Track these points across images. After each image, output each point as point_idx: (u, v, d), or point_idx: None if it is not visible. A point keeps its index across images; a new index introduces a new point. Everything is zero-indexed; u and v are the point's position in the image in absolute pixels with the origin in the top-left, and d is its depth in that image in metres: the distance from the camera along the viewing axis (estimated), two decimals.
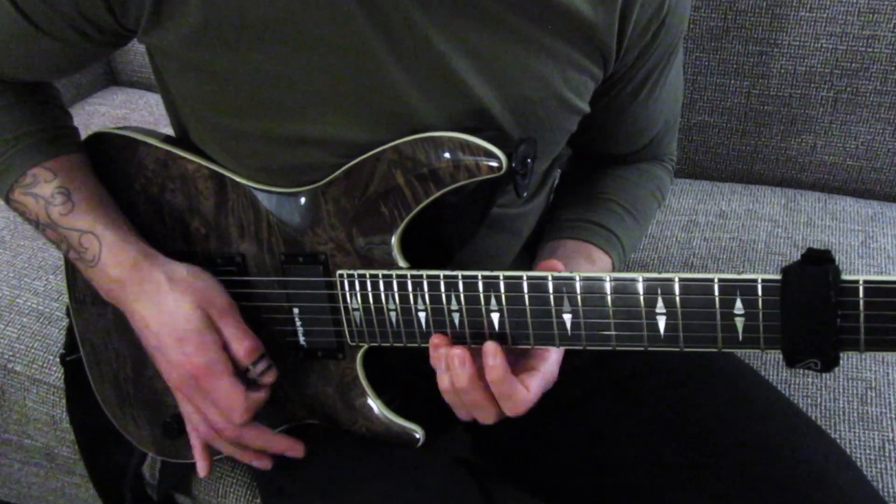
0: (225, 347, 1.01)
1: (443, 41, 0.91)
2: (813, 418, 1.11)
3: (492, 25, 0.92)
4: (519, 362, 0.94)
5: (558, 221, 1.16)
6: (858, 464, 1.18)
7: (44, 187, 1.04)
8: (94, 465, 1.33)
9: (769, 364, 1.37)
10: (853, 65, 1.63)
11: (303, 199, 0.99)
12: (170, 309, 1.00)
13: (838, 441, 1.13)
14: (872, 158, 1.72)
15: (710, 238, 1.63)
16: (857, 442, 1.27)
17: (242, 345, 1.01)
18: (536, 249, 1.17)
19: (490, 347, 0.89)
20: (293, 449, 1.08)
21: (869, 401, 1.32)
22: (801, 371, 1.35)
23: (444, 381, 0.93)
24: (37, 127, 1.06)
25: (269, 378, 1.03)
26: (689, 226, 1.66)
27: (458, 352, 0.91)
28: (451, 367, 0.91)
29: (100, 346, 1.18)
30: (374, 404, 1.03)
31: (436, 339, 0.93)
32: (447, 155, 0.91)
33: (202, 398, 1.02)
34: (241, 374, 1.01)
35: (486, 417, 0.94)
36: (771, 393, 1.12)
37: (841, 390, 1.34)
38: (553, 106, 0.99)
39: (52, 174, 1.04)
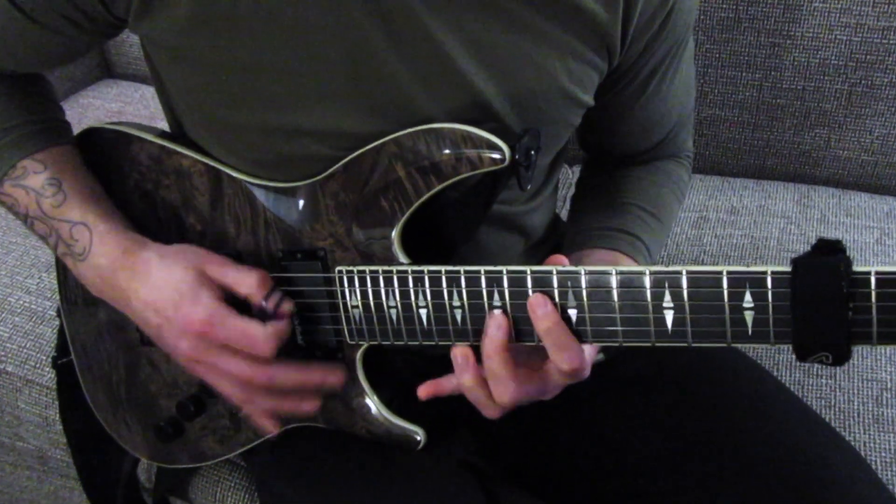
0: (229, 300, 0.98)
1: (442, 30, 0.91)
2: (827, 420, 1.11)
3: (493, 14, 0.92)
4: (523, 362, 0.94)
5: (581, 230, 1.15)
6: (873, 467, 1.19)
7: (34, 179, 1.04)
8: (86, 470, 1.33)
9: (781, 364, 1.37)
10: (868, 57, 1.63)
11: (301, 194, 1.00)
12: (163, 279, 0.98)
13: (853, 443, 1.13)
14: (888, 153, 1.72)
15: (721, 235, 1.63)
16: (871, 444, 1.27)
17: (248, 280, 0.98)
18: (548, 251, 1.17)
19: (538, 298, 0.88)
20: (333, 374, 1.02)
21: (884, 402, 1.32)
22: (815, 372, 1.35)
23: (466, 379, 0.93)
24: (27, 119, 1.07)
25: (287, 307, 0.99)
26: (699, 222, 1.66)
27: (499, 314, 0.90)
28: (487, 328, 0.91)
29: (91, 348, 1.18)
30: (374, 405, 1.03)
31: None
32: (449, 147, 0.91)
33: (219, 353, 0.98)
34: (257, 314, 0.98)
35: (503, 394, 0.93)
36: (783, 394, 1.12)
37: (855, 391, 1.34)
38: (555, 98, 0.99)
39: (42, 166, 1.04)
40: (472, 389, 0.93)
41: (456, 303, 0.92)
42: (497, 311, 0.90)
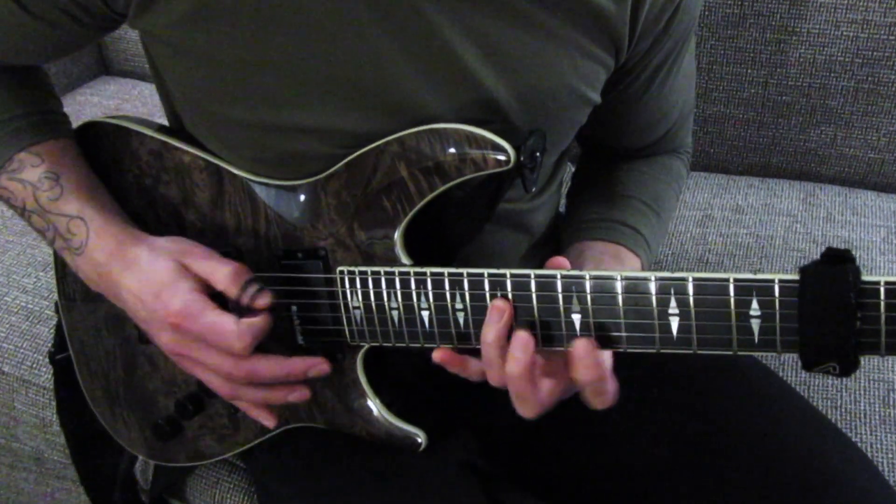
0: (212, 294, 0.97)
1: (448, 27, 0.91)
2: (833, 421, 1.12)
3: (500, 12, 0.92)
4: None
5: (581, 221, 1.15)
6: (880, 468, 1.18)
7: (31, 172, 1.04)
8: (84, 469, 1.33)
9: (787, 365, 1.37)
10: (875, 53, 1.63)
11: (302, 193, 1.00)
12: (147, 271, 0.98)
13: (859, 445, 1.13)
14: (895, 151, 1.72)
15: (725, 234, 1.63)
16: (878, 445, 1.27)
17: (222, 272, 0.97)
18: (551, 249, 1.17)
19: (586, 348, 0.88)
20: (316, 366, 1.02)
21: (891, 403, 1.33)
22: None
23: (490, 333, 0.90)
24: (24, 111, 1.07)
25: (263, 301, 0.97)
26: (704, 221, 1.66)
27: (524, 335, 0.88)
28: (512, 348, 0.89)
29: (90, 344, 1.18)
30: (374, 406, 1.03)
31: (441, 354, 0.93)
32: (453, 148, 0.91)
33: (198, 346, 0.98)
34: (235, 308, 0.97)
35: (528, 411, 0.92)
36: (789, 395, 1.12)
37: (862, 392, 1.34)
38: (564, 96, 0.99)
39: (39, 159, 1.04)
40: (493, 346, 0.90)
41: (458, 305, 0.92)
42: (522, 332, 0.88)
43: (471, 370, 0.95)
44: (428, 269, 0.93)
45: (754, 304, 0.80)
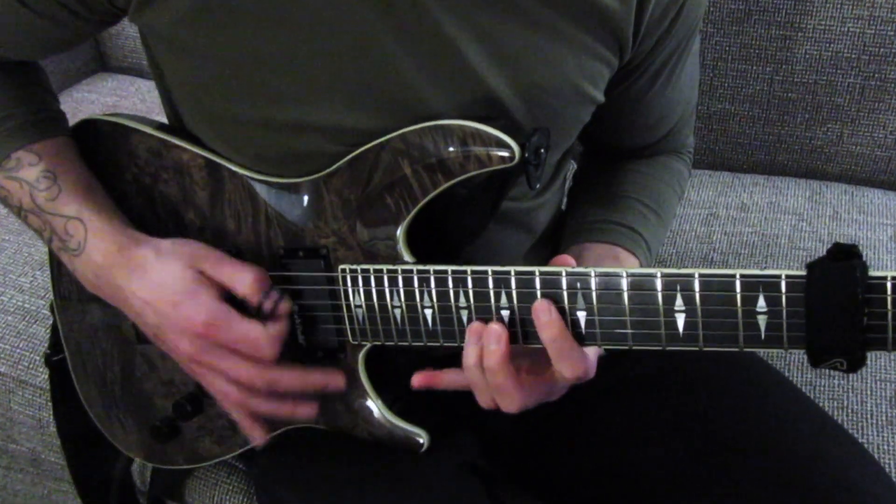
0: (228, 298, 0.98)
1: (452, 24, 0.91)
2: (839, 422, 1.12)
3: (504, 9, 0.92)
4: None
5: (581, 223, 1.15)
6: (887, 469, 1.19)
7: (28, 171, 1.04)
8: (79, 472, 1.33)
9: (793, 365, 1.38)
10: (882, 50, 1.63)
11: (303, 191, 1.00)
12: (160, 278, 0.99)
13: (866, 445, 1.14)
14: None
15: (731, 232, 1.63)
16: (885, 447, 1.28)
17: (245, 280, 0.98)
18: (552, 248, 1.17)
19: (543, 304, 0.89)
20: (334, 378, 1.03)
21: None
22: (827, 372, 1.36)
23: (470, 356, 0.93)
24: (22, 109, 1.06)
25: (285, 307, 1.00)
26: (709, 219, 1.66)
27: (497, 327, 0.90)
28: (485, 342, 0.91)
29: (86, 345, 1.19)
30: (376, 406, 1.04)
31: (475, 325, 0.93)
32: (456, 144, 0.91)
33: (221, 355, 0.99)
34: (256, 314, 0.99)
35: (510, 405, 0.93)
36: (795, 395, 1.12)
37: (868, 392, 1.34)
38: (567, 95, 1.00)
39: (37, 157, 1.04)
40: (474, 369, 0.93)
41: (462, 304, 0.93)
42: (494, 325, 0.91)
43: (454, 382, 0.97)
44: (431, 267, 0.93)
45: (761, 301, 0.80)
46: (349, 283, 0.98)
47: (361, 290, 0.98)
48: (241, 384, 1.01)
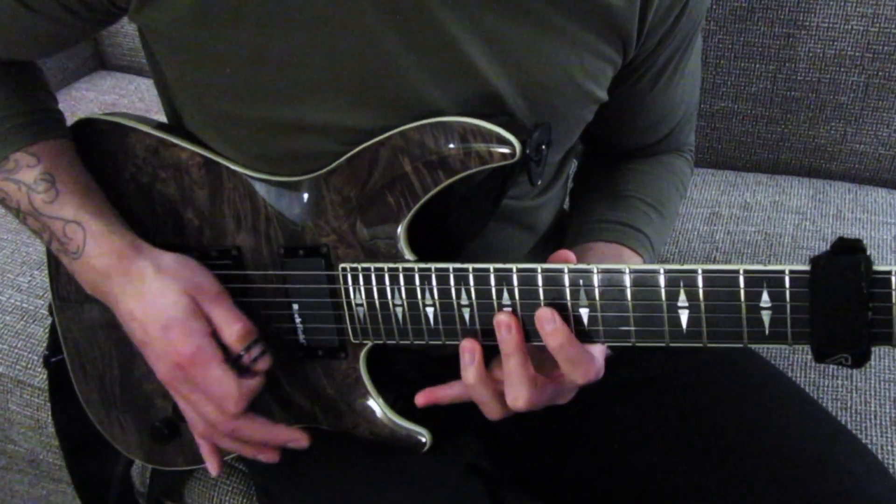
0: (215, 335, 1.00)
1: (454, 23, 0.91)
2: (843, 423, 1.12)
3: (507, 7, 0.92)
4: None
5: (584, 223, 1.15)
6: (891, 470, 1.19)
7: (27, 173, 1.04)
8: (79, 473, 1.33)
9: (796, 365, 1.38)
10: (886, 48, 1.63)
11: (303, 189, 1.00)
12: (155, 297, 1.00)
13: (869, 446, 1.13)
14: None
15: (733, 231, 1.63)
16: (889, 447, 1.28)
17: (233, 328, 1.00)
18: (554, 248, 1.17)
19: (546, 313, 0.89)
20: (296, 440, 1.06)
21: None
22: (830, 373, 1.36)
23: (469, 377, 0.93)
24: (20, 110, 1.06)
25: (264, 365, 1.02)
26: (711, 218, 1.67)
27: (505, 318, 0.90)
28: (498, 334, 0.91)
29: (84, 345, 1.19)
30: (378, 406, 1.04)
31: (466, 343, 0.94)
32: (457, 141, 0.91)
33: (192, 390, 1.01)
34: (233, 362, 1.01)
35: (518, 397, 0.93)
36: (798, 396, 1.12)
37: (872, 393, 1.34)
38: (570, 94, 1.00)
39: (35, 159, 1.04)
40: (476, 386, 0.94)
41: (464, 301, 0.93)
42: (501, 315, 0.91)
43: (459, 395, 0.98)
44: (432, 265, 0.93)
45: (765, 296, 0.81)
46: (350, 282, 0.98)
47: (362, 289, 0.98)
48: (206, 421, 1.04)
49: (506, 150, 0.89)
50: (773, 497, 1.02)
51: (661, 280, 0.84)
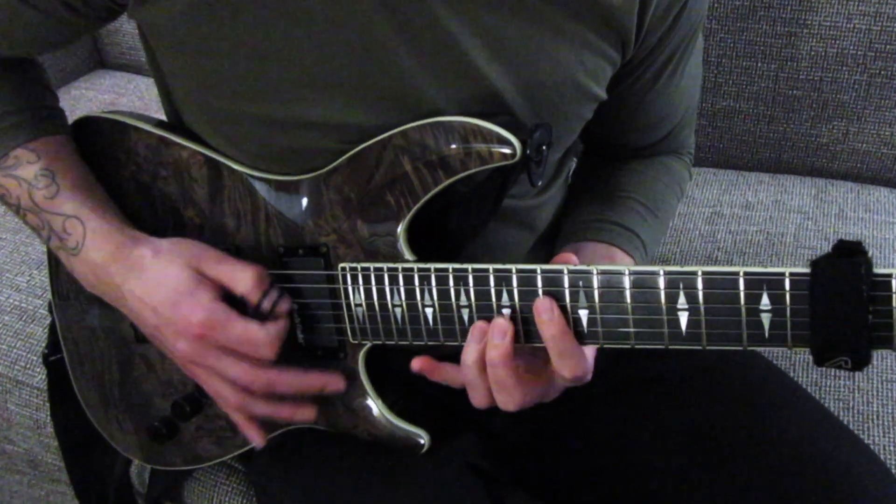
0: (227, 298, 0.98)
1: (453, 21, 0.91)
2: (845, 423, 1.12)
3: (507, 5, 0.93)
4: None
5: (577, 222, 1.16)
6: (893, 470, 1.19)
7: (27, 169, 1.04)
8: (77, 473, 1.33)
9: (798, 365, 1.38)
10: (888, 46, 1.63)
11: (303, 188, 1.00)
12: (158, 277, 0.99)
13: (871, 446, 1.13)
14: None
15: (735, 231, 1.63)
16: (891, 447, 1.28)
17: (245, 276, 0.98)
18: (553, 248, 1.17)
19: (544, 302, 0.89)
20: (334, 380, 1.03)
21: None
22: (833, 373, 1.36)
23: (470, 354, 0.93)
24: (20, 106, 1.07)
25: (285, 305, 1.00)
26: (713, 218, 1.66)
27: (502, 322, 0.90)
28: (490, 336, 0.91)
29: (84, 345, 1.19)
30: (377, 406, 1.04)
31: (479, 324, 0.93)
32: (458, 141, 0.91)
33: (218, 356, 0.99)
34: (254, 313, 0.99)
35: (508, 401, 0.93)
36: (800, 396, 1.12)
37: (874, 393, 1.34)
38: (569, 92, 1.00)
39: (35, 156, 1.05)
40: (472, 367, 0.93)
41: (463, 302, 0.93)
42: (500, 319, 0.91)
43: (451, 377, 0.97)
44: (432, 265, 0.93)
45: (765, 299, 0.80)
46: (349, 282, 0.98)
47: (361, 289, 0.98)
48: (238, 386, 1.01)
49: (506, 151, 0.89)
50: (775, 497, 1.01)
51: (661, 282, 0.84)
